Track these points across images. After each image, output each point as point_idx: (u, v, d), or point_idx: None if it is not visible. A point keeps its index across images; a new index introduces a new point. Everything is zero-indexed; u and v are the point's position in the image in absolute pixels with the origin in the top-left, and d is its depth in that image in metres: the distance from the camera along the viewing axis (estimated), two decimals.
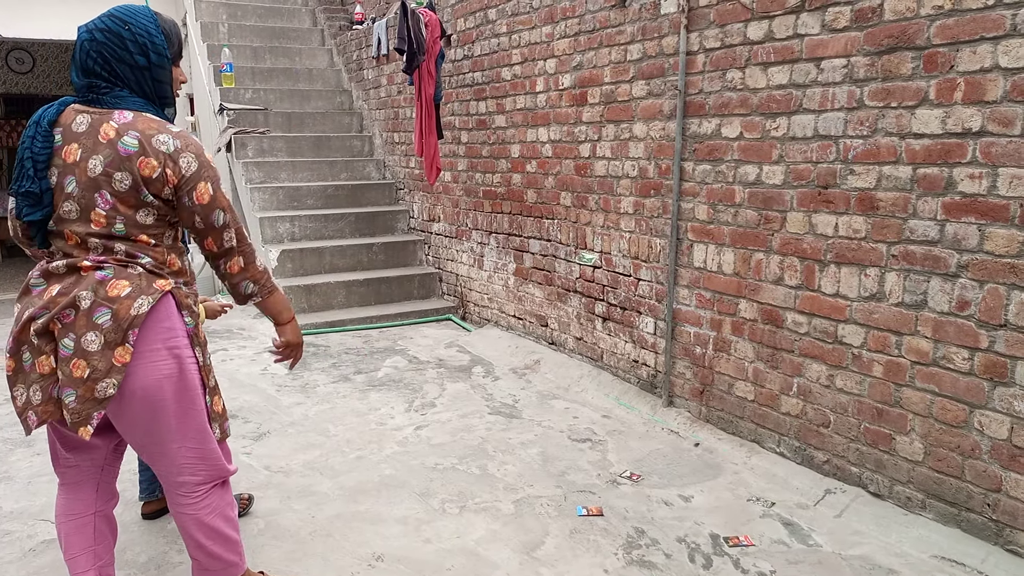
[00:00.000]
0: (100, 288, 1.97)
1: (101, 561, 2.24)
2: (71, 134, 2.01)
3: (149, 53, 2.02)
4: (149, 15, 2.06)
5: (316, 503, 3.13)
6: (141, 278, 2.02)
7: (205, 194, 2.05)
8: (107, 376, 1.95)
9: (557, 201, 4.85)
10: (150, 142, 1.97)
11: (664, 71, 3.91)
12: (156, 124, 2.02)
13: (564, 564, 2.70)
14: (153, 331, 2.01)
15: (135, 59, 2.01)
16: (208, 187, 2.05)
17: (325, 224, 6.68)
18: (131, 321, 1.96)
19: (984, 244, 2.65)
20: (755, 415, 3.58)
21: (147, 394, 2.02)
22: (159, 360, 2.02)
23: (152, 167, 1.97)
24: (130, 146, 1.96)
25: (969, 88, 2.65)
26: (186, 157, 2.01)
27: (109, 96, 2.02)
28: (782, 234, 3.35)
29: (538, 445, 3.70)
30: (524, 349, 5.14)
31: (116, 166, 1.97)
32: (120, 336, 1.95)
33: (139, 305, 1.97)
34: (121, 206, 2.00)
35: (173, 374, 2.04)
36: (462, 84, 5.80)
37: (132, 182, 1.97)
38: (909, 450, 2.95)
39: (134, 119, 2.00)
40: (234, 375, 4.69)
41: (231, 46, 7.74)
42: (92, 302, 1.95)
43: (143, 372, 2.00)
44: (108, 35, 1.99)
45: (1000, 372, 2.64)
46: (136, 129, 1.98)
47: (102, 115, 2.01)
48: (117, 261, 2.02)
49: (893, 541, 2.83)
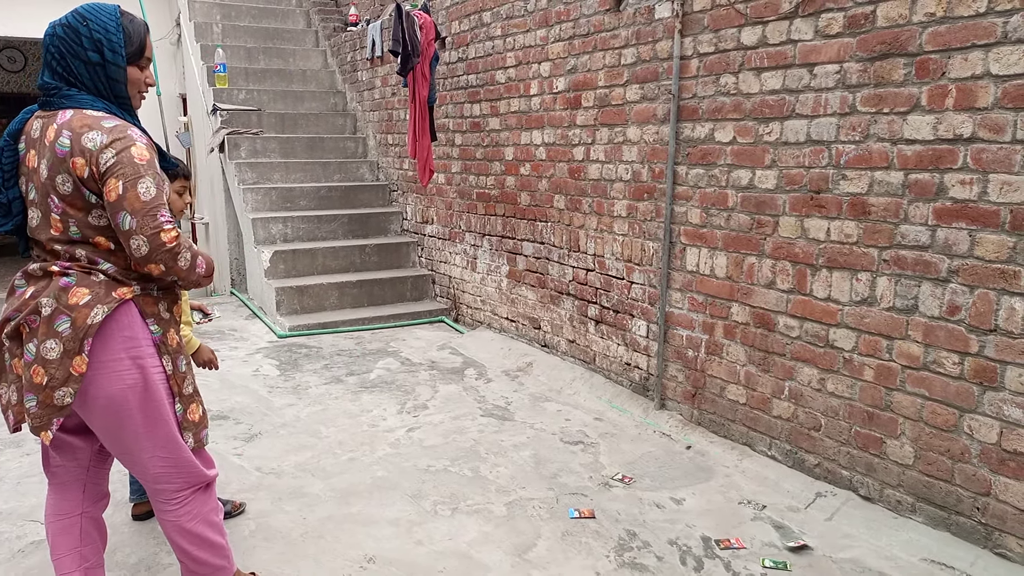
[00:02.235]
0: (62, 295, 1.95)
1: (88, 563, 2.23)
2: (31, 140, 2.01)
3: (104, 50, 1.98)
4: (112, 13, 2.02)
5: (308, 505, 3.12)
6: (101, 286, 1.98)
7: (113, 191, 1.90)
8: (64, 385, 1.94)
9: (550, 204, 4.86)
10: (79, 140, 1.91)
11: (658, 75, 3.93)
12: (89, 120, 1.94)
13: (556, 566, 2.70)
14: (113, 340, 1.99)
15: (88, 55, 1.97)
16: (118, 184, 1.89)
17: (318, 225, 6.67)
18: (86, 331, 1.93)
19: (974, 249, 2.67)
20: (747, 418, 3.59)
21: (110, 404, 2.00)
22: (122, 370, 2.00)
23: (81, 166, 1.91)
24: (63, 147, 1.92)
25: (960, 95, 2.67)
26: (106, 153, 1.90)
27: (57, 96, 1.99)
28: (774, 238, 3.37)
29: (530, 447, 3.70)
30: (517, 351, 5.15)
31: (56, 169, 1.93)
32: (77, 345, 1.93)
33: (94, 315, 1.94)
34: (70, 209, 1.96)
35: (137, 384, 2.02)
36: (456, 86, 5.81)
37: (72, 184, 1.93)
38: (899, 454, 2.96)
39: (71, 117, 1.95)
40: (226, 376, 4.68)
41: (225, 46, 7.72)
42: (53, 309, 1.94)
43: (105, 382, 1.98)
44: (67, 30, 1.97)
45: (990, 377, 2.66)
46: (69, 128, 1.93)
47: (50, 117, 1.98)
48: (80, 268, 1.99)
49: (883, 544, 2.84)
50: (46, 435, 1.99)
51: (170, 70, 9.05)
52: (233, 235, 7.27)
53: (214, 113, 7.25)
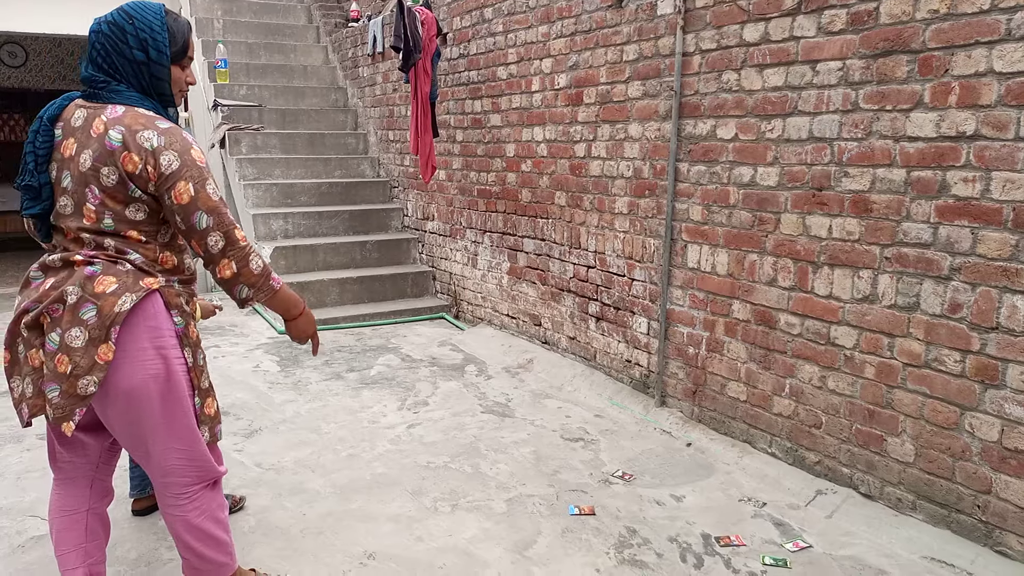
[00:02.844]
0: (88, 284, 1.96)
1: (91, 559, 2.23)
2: (70, 129, 2.02)
3: (148, 49, 2.01)
4: (157, 11, 2.05)
5: (307, 501, 3.12)
6: (128, 275, 2.00)
7: (184, 194, 1.97)
8: (89, 373, 1.94)
9: (552, 200, 4.85)
10: (134, 137, 1.95)
11: (660, 72, 3.92)
12: (144, 119, 1.99)
13: (556, 563, 2.70)
14: (139, 329, 1.99)
15: (134, 54, 2.01)
16: (189, 187, 1.97)
17: (319, 221, 6.66)
18: (113, 318, 1.94)
19: (977, 247, 2.67)
20: (747, 415, 3.59)
21: (132, 393, 2.00)
22: (146, 359, 2.00)
23: (135, 163, 1.95)
24: (115, 141, 1.95)
25: (964, 92, 2.66)
26: (168, 155, 1.96)
27: (106, 91, 2.02)
28: (776, 235, 3.36)
29: (531, 444, 3.70)
30: (517, 348, 5.14)
31: (103, 161, 1.96)
32: (103, 333, 1.94)
33: (122, 303, 1.95)
34: (109, 201, 1.99)
35: (160, 374, 2.03)
36: (458, 83, 5.79)
37: (118, 177, 1.96)
38: (900, 451, 2.96)
39: (123, 114, 1.99)
40: (226, 372, 4.67)
41: (226, 42, 7.70)
42: (79, 297, 1.95)
43: (128, 370, 1.99)
44: (113, 28, 2.00)
45: (991, 375, 2.66)
46: (123, 124, 1.97)
47: (97, 109, 2.01)
48: (107, 257, 2.01)
49: (883, 542, 2.84)
50: (68, 426, 1.97)
51: None
52: None
53: (215, 109, 7.24)
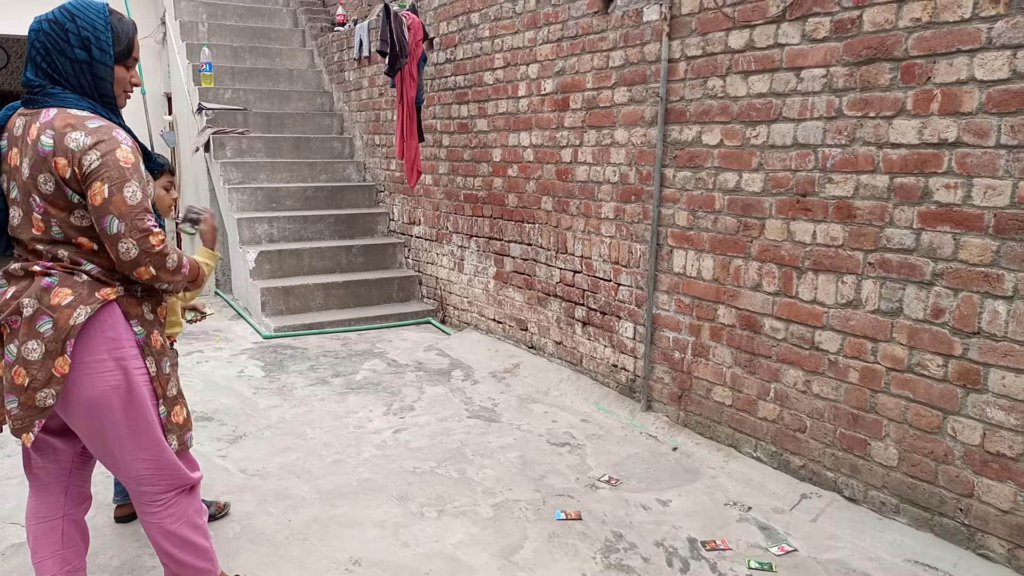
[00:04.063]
0: (44, 295, 1.93)
1: (70, 566, 2.20)
2: (12, 138, 1.98)
3: (91, 48, 1.95)
4: (100, 10, 1.99)
5: (293, 507, 3.10)
6: (84, 286, 1.96)
7: (98, 195, 1.88)
8: (46, 386, 1.92)
9: (538, 205, 4.86)
10: (62, 140, 1.89)
11: (646, 78, 3.94)
12: (73, 120, 1.91)
13: (543, 568, 2.70)
14: (96, 341, 1.96)
15: (75, 52, 1.94)
16: (103, 188, 1.87)
17: (304, 226, 6.63)
18: (68, 331, 1.91)
19: (959, 253, 2.70)
20: (732, 420, 3.61)
21: (92, 405, 1.98)
22: (105, 371, 1.98)
23: (63, 166, 1.89)
24: (46, 146, 1.89)
25: (945, 99, 2.70)
26: (91, 155, 1.87)
27: (41, 95, 1.96)
28: (761, 241, 3.39)
29: (517, 449, 3.70)
30: (503, 353, 5.14)
31: (39, 168, 1.91)
32: (59, 346, 1.91)
33: (77, 315, 1.92)
34: (52, 209, 1.94)
35: (120, 385, 2.00)
36: (444, 87, 5.80)
37: (55, 183, 1.91)
38: (884, 455, 2.98)
39: (54, 117, 1.92)
40: (210, 377, 4.64)
41: (211, 45, 7.66)
42: (35, 309, 1.92)
43: (88, 383, 1.96)
44: (54, 26, 1.94)
45: (973, 379, 2.69)
46: (52, 127, 1.90)
47: (33, 115, 1.96)
48: (63, 268, 1.97)
49: (867, 545, 2.86)
50: (27, 437, 1.97)
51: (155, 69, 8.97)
52: (218, 235, 7.21)
53: (200, 112, 7.20)
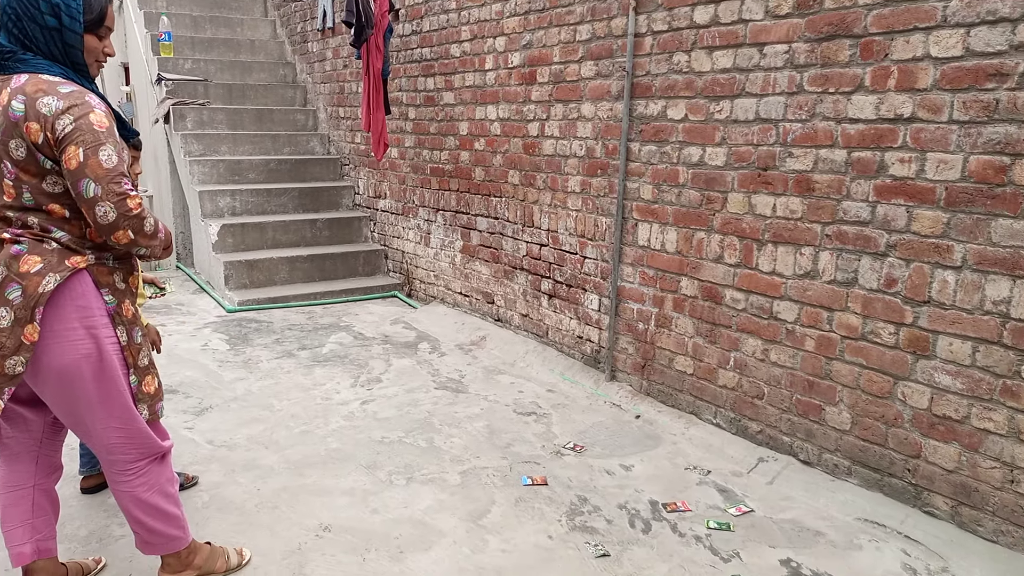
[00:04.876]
0: (13, 263, 1.92)
1: (40, 535, 2.20)
2: None
3: (61, 15, 1.93)
4: None
5: (261, 476, 3.12)
6: (54, 254, 1.95)
7: (73, 159, 1.87)
8: (16, 353, 1.92)
9: (505, 179, 4.88)
10: (34, 105, 1.88)
11: (612, 52, 3.97)
12: (44, 85, 1.90)
13: (510, 531, 2.77)
14: (66, 309, 1.96)
15: (46, 19, 1.92)
16: (78, 152, 1.87)
17: (267, 199, 6.56)
18: (37, 299, 1.91)
19: (912, 225, 2.80)
20: (693, 388, 3.71)
21: (63, 373, 1.98)
22: (76, 339, 1.98)
23: (35, 131, 1.88)
24: (17, 111, 1.88)
25: (902, 76, 2.78)
26: (64, 119, 1.87)
27: (12, 60, 1.94)
28: (723, 214, 3.46)
29: (484, 419, 3.75)
30: (470, 326, 5.18)
31: (10, 134, 1.90)
32: (28, 314, 1.91)
33: (46, 283, 1.92)
34: (24, 175, 1.93)
35: (91, 354, 2.00)
36: (410, 60, 5.76)
37: (27, 149, 1.90)
38: (837, 420, 3.10)
39: (25, 82, 1.91)
40: (173, 350, 4.60)
41: (169, 14, 7.48)
42: (4, 277, 1.91)
43: (58, 351, 1.96)
44: None
45: (923, 346, 2.80)
46: (23, 92, 1.89)
47: (4, 81, 1.94)
48: (33, 235, 1.96)
49: (820, 505, 2.98)
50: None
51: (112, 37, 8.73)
52: (179, 208, 7.09)
53: (159, 83, 7.04)
